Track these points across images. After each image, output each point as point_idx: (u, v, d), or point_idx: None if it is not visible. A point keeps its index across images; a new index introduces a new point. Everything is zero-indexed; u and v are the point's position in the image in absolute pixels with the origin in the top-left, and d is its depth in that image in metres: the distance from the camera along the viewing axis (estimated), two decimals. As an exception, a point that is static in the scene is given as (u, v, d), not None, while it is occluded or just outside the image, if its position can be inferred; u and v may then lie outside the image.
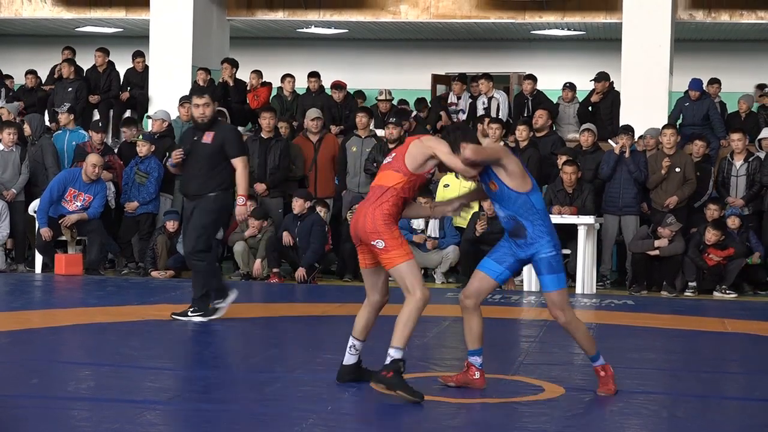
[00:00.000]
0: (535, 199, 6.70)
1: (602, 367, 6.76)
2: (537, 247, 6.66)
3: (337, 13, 17.15)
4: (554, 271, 6.66)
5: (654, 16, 15.25)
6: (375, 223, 6.55)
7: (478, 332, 6.84)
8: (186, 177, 9.45)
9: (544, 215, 6.72)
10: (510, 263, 6.79)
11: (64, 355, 8.07)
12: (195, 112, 9.30)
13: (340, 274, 13.42)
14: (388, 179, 6.65)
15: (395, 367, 6.48)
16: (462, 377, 6.85)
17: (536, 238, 6.66)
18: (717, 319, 10.68)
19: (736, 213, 12.92)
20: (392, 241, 6.54)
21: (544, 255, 6.65)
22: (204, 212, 9.23)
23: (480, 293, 6.85)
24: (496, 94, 15.93)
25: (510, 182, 6.64)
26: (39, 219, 12.92)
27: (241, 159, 9.31)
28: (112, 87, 16.65)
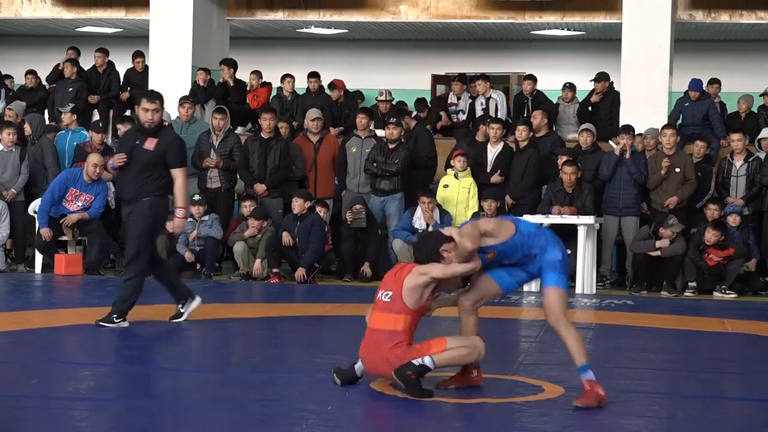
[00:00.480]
0: (524, 227, 6.73)
1: (589, 382, 6.50)
2: (544, 255, 6.68)
3: (337, 14, 17.15)
4: (556, 270, 6.65)
5: (654, 16, 15.25)
6: (400, 359, 6.56)
7: (473, 331, 6.86)
8: (122, 181, 9.16)
9: (539, 232, 6.74)
10: (520, 276, 6.82)
11: (64, 356, 8.07)
12: (143, 116, 9.01)
13: (339, 274, 13.42)
14: (390, 323, 6.65)
15: (421, 370, 6.55)
16: (460, 378, 6.86)
17: (544, 250, 6.68)
18: (717, 319, 10.68)
19: (738, 211, 12.92)
20: (423, 349, 6.60)
21: (550, 258, 6.66)
22: (139, 220, 8.97)
23: (482, 298, 6.87)
24: (494, 94, 15.94)
25: (498, 239, 6.65)
26: (39, 219, 12.92)
27: (180, 170, 9.06)
28: (112, 87, 16.66)
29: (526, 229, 6.70)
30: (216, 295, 11.85)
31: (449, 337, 6.74)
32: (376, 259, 13.22)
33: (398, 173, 13.52)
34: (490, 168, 13.71)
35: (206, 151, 13.83)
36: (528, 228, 6.73)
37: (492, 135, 13.77)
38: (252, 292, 12.39)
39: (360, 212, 13.14)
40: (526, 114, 15.37)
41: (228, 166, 13.75)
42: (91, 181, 13.05)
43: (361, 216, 13.13)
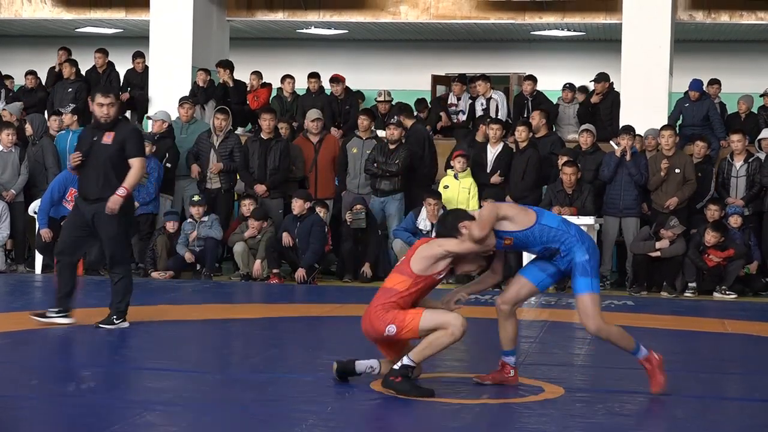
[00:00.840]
0: (546, 220, 6.74)
1: (646, 358, 6.70)
2: (572, 255, 6.70)
3: (337, 14, 17.15)
4: (587, 275, 6.67)
5: (654, 16, 15.24)
6: (378, 319, 6.65)
7: (512, 335, 6.94)
8: (85, 179, 8.99)
9: (565, 227, 6.75)
10: (552, 272, 6.84)
11: (63, 356, 8.07)
12: (98, 111, 8.90)
13: (339, 274, 13.42)
14: (393, 281, 6.75)
15: (404, 372, 6.60)
16: (498, 375, 6.95)
17: (568, 250, 6.69)
18: (717, 319, 10.68)
19: (739, 212, 12.91)
20: (397, 317, 6.63)
21: (579, 260, 6.69)
22: (110, 219, 8.84)
23: (518, 299, 6.92)
24: (494, 94, 15.93)
25: (518, 226, 6.68)
26: (39, 220, 12.90)
27: (139, 159, 8.98)
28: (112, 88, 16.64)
29: (549, 223, 6.71)
30: (216, 296, 11.86)
31: (426, 311, 6.66)
32: (376, 259, 13.22)
33: (398, 173, 13.52)
34: (490, 168, 13.71)
35: (205, 150, 13.83)
36: (551, 222, 6.73)
37: (492, 135, 13.77)
38: (252, 293, 12.39)
39: (360, 213, 13.14)
40: (526, 114, 15.37)
41: (228, 168, 13.75)
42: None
43: (360, 216, 13.13)
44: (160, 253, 13.18)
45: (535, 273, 6.85)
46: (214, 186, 13.82)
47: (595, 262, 6.73)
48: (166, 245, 13.21)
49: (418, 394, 6.53)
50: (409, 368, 6.60)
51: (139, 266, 13.44)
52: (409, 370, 6.60)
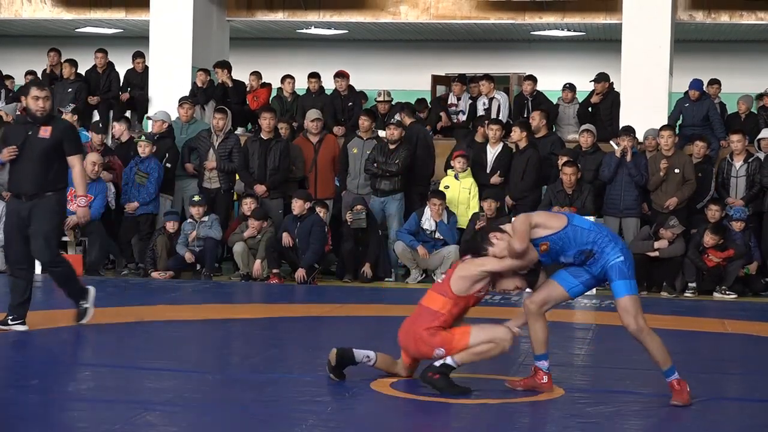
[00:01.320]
0: (578, 221, 6.76)
1: (677, 381, 6.59)
2: (605, 257, 6.65)
3: (337, 14, 17.15)
4: (625, 277, 6.62)
5: (654, 16, 15.25)
6: (424, 343, 6.74)
7: (542, 338, 6.87)
8: (19, 175, 8.77)
9: (597, 228, 6.75)
10: (585, 279, 6.78)
11: (63, 356, 8.07)
12: (34, 105, 8.69)
13: (339, 274, 13.42)
14: (434, 303, 6.80)
15: (443, 371, 6.68)
16: (530, 381, 6.90)
17: (601, 251, 6.66)
18: (717, 319, 10.68)
19: (743, 218, 12.86)
20: (447, 338, 6.73)
21: (614, 262, 6.63)
22: (46, 216, 8.68)
23: (547, 301, 6.87)
24: (497, 95, 15.93)
25: (551, 230, 6.67)
26: None
27: (78, 157, 8.84)
28: (112, 88, 16.65)
29: (581, 224, 6.72)
30: (216, 296, 11.86)
31: (474, 328, 6.77)
32: (376, 259, 13.22)
33: (398, 173, 13.52)
34: (490, 169, 13.71)
35: (204, 149, 13.84)
36: (581, 223, 6.74)
37: (491, 136, 13.77)
38: (252, 293, 12.39)
39: (360, 213, 13.14)
40: (526, 114, 15.37)
41: (225, 168, 13.75)
42: (90, 180, 13.01)
43: (361, 217, 13.13)
44: (160, 253, 13.18)
45: (568, 278, 6.80)
46: (214, 186, 13.82)
47: (630, 263, 6.67)
48: (166, 245, 13.21)
49: (456, 392, 6.61)
50: (450, 368, 6.69)
51: (139, 266, 13.45)
52: (450, 370, 6.69)
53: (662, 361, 6.62)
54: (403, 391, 6.74)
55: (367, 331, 9.44)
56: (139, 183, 13.45)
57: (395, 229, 13.38)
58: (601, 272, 6.69)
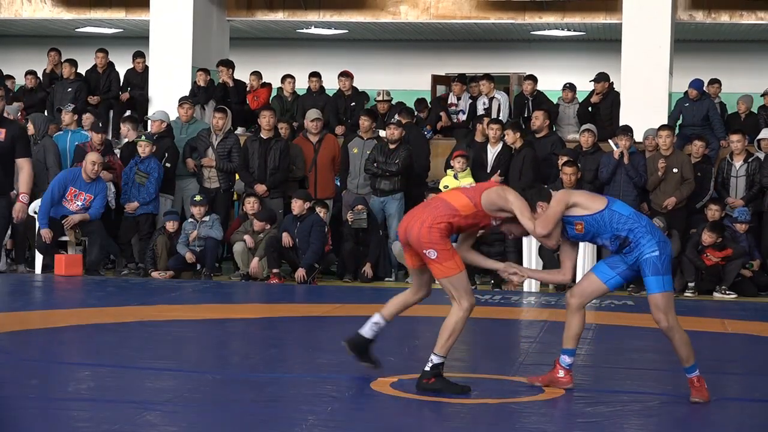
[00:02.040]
0: (618, 207, 6.73)
1: (697, 378, 6.65)
2: (640, 249, 6.64)
3: (337, 14, 17.14)
4: (658, 272, 6.63)
5: (654, 16, 15.24)
6: (431, 234, 6.64)
7: (575, 332, 6.85)
8: None
9: (636, 217, 6.71)
10: (622, 270, 6.77)
11: (63, 356, 8.07)
12: None
13: (339, 274, 13.42)
14: (458, 200, 6.73)
15: (436, 372, 6.66)
16: (548, 376, 6.89)
17: (637, 241, 6.64)
18: (717, 319, 10.68)
19: (747, 220, 12.85)
20: (445, 253, 6.67)
21: (648, 255, 6.63)
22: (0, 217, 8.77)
23: (585, 294, 6.86)
24: (497, 94, 15.93)
25: (588, 210, 6.67)
26: (40, 220, 12.90)
27: (28, 160, 8.86)
28: (112, 88, 16.64)
29: (619, 210, 6.69)
30: (216, 296, 11.87)
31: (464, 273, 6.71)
32: (377, 259, 13.22)
33: (398, 173, 13.52)
34: (490, 168, 13.71)
35: (204, 148, 13.84)
36: (621, 209, 6.70)
37: (492, 136, 13.77)
38: (252, 293, 12.39)
39: (361, 213, 13.14)
40: (527, 114, 15.37)
41: (224, 168, 13.75)
42: (90, 180, 13.03)
43: (362, 216, 13.13)
44: (160, 253, 13.18)
45: (605, 270, 6.79)
46: (213, 186, 13.82)
47: (666, 258, 6.64)
48: (166, 245, 13.21)
49: (455, 391, 6.60)
50: (440, 366, 6.67)
51: (139, 266, 13.45)
52: (440, 368, 6.67)
53: (686, 358, 6.67)
54: (403, 390, 6.74)
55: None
56: (139, 183, 13.45)
57: (395, 229, 13.38)
58: (635, 263, 6.67)
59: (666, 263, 6.65)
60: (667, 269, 6.66)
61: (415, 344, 8.35)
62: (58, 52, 17.30)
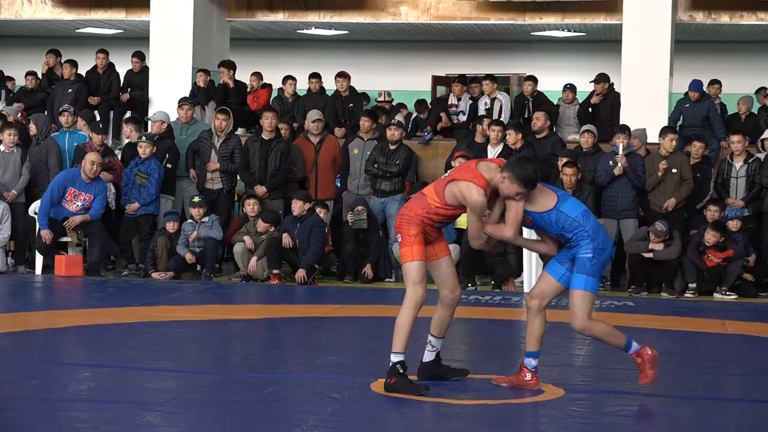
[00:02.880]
0: (567, 207, 6.77)
1: (636, 353, 6.78)
2: (578, 248, 6.76)
3: (338, 15, 17.15)
4: (585, 272, 6.70)
5: (654, 17, 15.24)
6: (400, 220, 6.83)
7: (538, 334, 6.89)
8: None
9: (583, 219, 6.75)
10: (570, 266, 6.84)
11: (64, 357, 8.08)
12: None
13: (340, 275, 13.42)
14: (429, 191, 6.85)
15: (394, 371, 6.67)
16: (515, 378, 6.91)
17: (578, 243, 6.75)
18: (717, 320, 10.68)
19: (738, 216, 12.89)
20: (406, 239, 6.75)
21: (581, 255, 6.74)
22: None
23: (544, 294, 6.92)
24: (499, 95, 15.92)
25: (536, 208, 6.73)
26: (40, 221, 12.90)
27: None
28: (112, 88, 16.63)
29: (567, 212, 6.73)
30: (216, 297, 11.87)
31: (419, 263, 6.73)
32: (377, 260, 13.22)
33: (399, 174, 13.53)
34: (490, 169, 13.69)
35: (206, 150, 13.84)
36: (570, 211, 6.74)
37: (493, 137, 13.77)
38: (252, 294, 12.39)
39: (361, 213, 13.14)
40: (527, 115, 15.37)
41: (227, 169, 13.75)
42: (89, 180, 13.01)
43: (362, 217, 13.13)
44: (161, 254, 13.18)
45: (556, 268, 6.87)
46: (216, 186, 13.82)
47: (597, 263, 6.73)
48: (166, 246, 13.21)
49: (413, 392, 6.57)
50: (397, 364, 6.67)
51: (139, 267, 13.45)
52: (398, 367, 6.66)
53: (617, 342, 6.86)
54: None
55: (368, 332, 9.44)
56: (139, 184, 13.45)
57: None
58: (574, 259, 6.80)
59: (596, 267, 6.74)
60: (595, 272, 6.75)
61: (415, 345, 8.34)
62: (55, 53, 17.26)
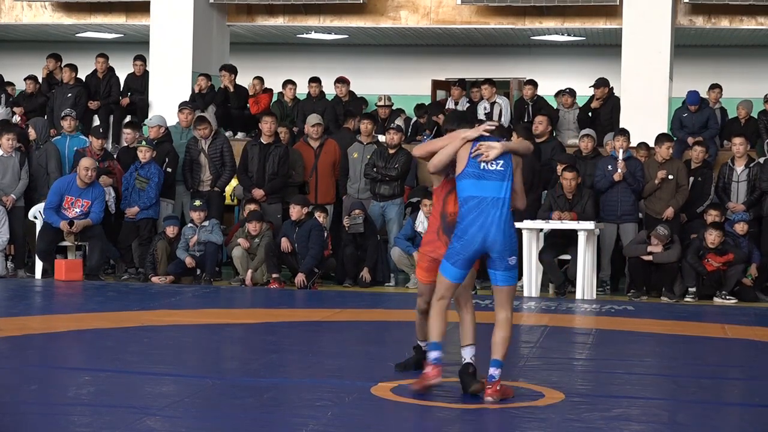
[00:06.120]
0: (461, 185, 6.77)
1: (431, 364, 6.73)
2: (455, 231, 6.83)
3: (337, 19, 17.15)
4: (447, 258, 6.78)
5: (654, 21, 15.25)
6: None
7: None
8: None
9: (470, 201, 6.72)
10: None
11: (63, 361, 8.07)
12: None
13: (339, 279, 13.41)
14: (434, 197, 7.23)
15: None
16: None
17: (458, 223, 6.81)
18: (717, 324, 10.68)
19: (745, 219, 12.88)
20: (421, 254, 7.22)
21: (452, 240, 6.85)
22: None
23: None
24: (499, 99, 15.94)
25: (456, 170, 6.82)
26: (51, 218, 12.87)
27: None
28: (112, 92, 16.64)
29: (462, 190, 6.74)
30: (216, 301, 11.87)
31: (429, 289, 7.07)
32: (374, 264, 13.21)
33: (398, 178, 13.53)
34: (490, 173, 13.69)
35: (196, 157, 13.84)
36: (465, 189, 6.74)
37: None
38: (252, 298, 12.39)
39: (358, 218, 13.13)
40: (527, 119, 15.37)
41: (219, 173, 13.80)
42: (84, 185, 12.99)
43: (358, 221, 13.12)
44: (161, 258, 13.18)
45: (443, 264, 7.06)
46: (206, 189, 13.81)
47: (462, 251, 6.67)
48: (166, 250, 13.20)
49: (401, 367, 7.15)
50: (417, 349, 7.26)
51: (139, 271, 13.45)
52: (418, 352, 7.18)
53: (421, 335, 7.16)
54: (403, 396, 6.74)
55: (368, 336, 9.44)
56: (139, 188, 13.44)
57: (395, 234, 13.38)
58: None
59: (459, 255, 6.69)
60: (457, 262, 6.70)
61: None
62: (54, 58, 17.23)
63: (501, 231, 6.69)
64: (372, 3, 16.74)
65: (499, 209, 6.72)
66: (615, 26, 16.31)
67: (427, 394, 6.64)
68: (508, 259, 6.72)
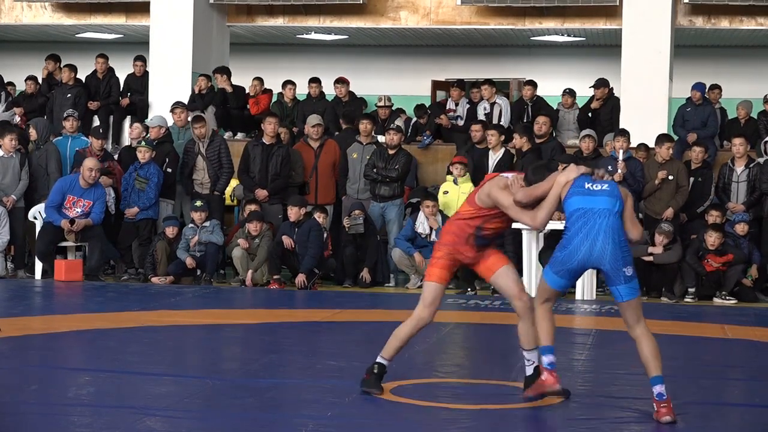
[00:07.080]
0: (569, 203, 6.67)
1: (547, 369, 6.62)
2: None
3: (337, 20, 17.15)
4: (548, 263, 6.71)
5: (654, 22, 15.25)
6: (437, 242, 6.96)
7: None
8: None
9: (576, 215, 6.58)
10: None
11: (63, 362, 8.08)
12: None
13: (339, 280, 13.41)
14: (463, 209, 6.89)
15: (370, 369, 6.82)
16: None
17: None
18: (717, 325, 10.68)
19: (745, 219, 12.89)
20: (432, 259, 6.90)
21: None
22: None
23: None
24: (499, 99, 15.93)
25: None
26: (52, 217, 12.88)
27: None
28: (112, 93, 16.63)
29: (570, 204, 6.58)
30: (216, 301, 11.87)
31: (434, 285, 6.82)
32: (374, 265, 13.21)
33: (398, 179, 13.53)
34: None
35: (193, 158, 13.84)
36: (572, 204, 6.57)
37: (491, 141, 13.78)
38: (252, 298, 12.39)
39: (358, 218, 13.13)
40: (526, 120, 15.37)
41: (218, 174, 13.78)
42: (87, 185, 13.00)
43: (358, 222, 13.12)
44: (160, 258, 13.18)
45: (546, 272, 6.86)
46: (205, 192, 13.79)
47: (557, 259, 6.53)
48: (166, 250, 13.20)
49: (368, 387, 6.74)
50: (376, 363, 6.81)
51: (139, 271, 13.45)
52: (376, 366, 6.81)
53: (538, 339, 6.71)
54: (402, 396, 6.74)
55: (367, 337, 9.43)
56: (138, 189, 13.44)
57: (395, 235, 13.39)
58: None
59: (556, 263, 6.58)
60: (556, 268, 6.59)
61: (415, 350, 8.34)
62: (54, 58, 17.22)
63: (610, 239, 6.39)
64: (372, 3, 16.74)
65: (607, 218, 6.45)
66: (615, 27, 16.30)
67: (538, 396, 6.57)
68: (623, 270, 6.41)
